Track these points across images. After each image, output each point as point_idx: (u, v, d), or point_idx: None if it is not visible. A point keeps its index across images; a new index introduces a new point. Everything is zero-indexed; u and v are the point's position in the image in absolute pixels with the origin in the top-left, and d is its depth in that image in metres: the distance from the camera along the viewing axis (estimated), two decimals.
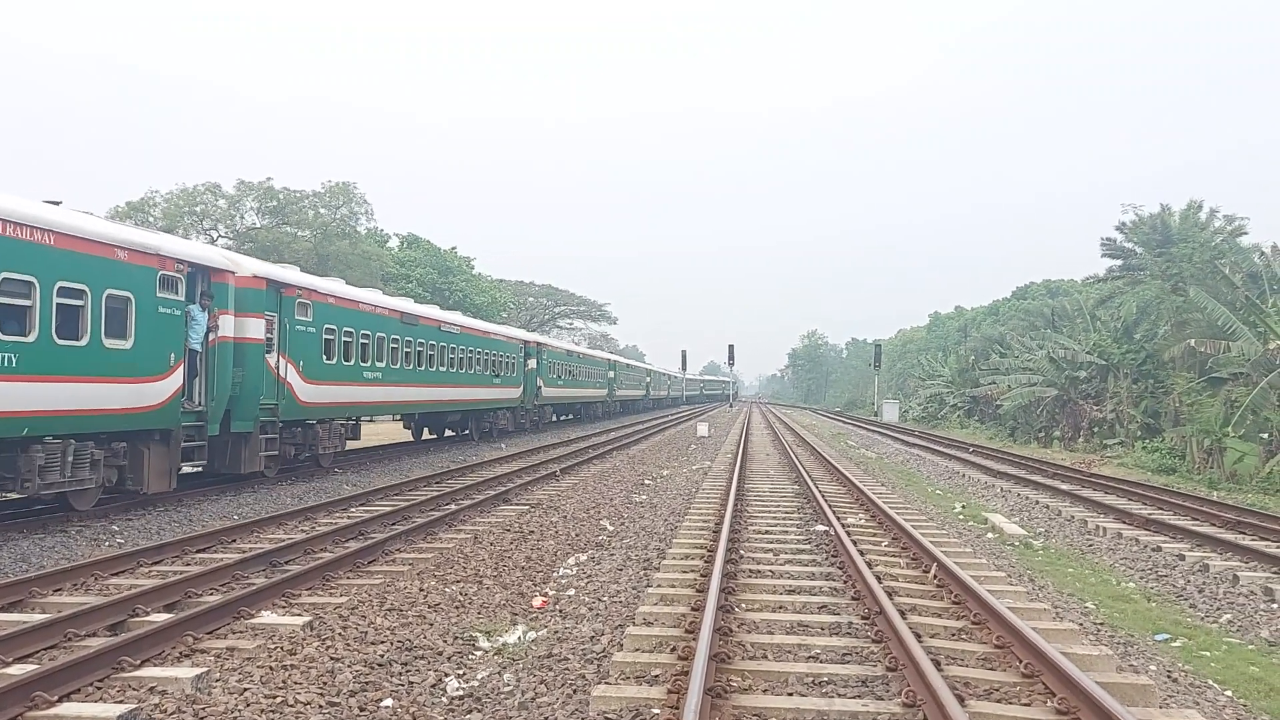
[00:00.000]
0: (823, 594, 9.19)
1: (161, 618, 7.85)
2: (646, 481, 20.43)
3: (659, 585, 9.41)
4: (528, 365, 38.47)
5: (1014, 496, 19.47)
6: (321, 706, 6.08)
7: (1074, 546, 13.74)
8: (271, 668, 6.70)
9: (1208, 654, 8.26)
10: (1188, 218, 41.45)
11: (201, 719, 5.82)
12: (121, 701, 6.06)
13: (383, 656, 7.09)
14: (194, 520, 13.90)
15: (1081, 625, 8.60)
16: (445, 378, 28.05)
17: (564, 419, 50.80)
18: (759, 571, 10.22)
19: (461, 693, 6.49)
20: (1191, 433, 27.39)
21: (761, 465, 24.03)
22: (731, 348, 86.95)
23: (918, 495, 19.19)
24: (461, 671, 6.94)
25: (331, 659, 6.95)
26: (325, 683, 6.47)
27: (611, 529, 13.68)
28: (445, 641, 7.62)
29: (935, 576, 9.76)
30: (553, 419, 46.51)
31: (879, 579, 9.30)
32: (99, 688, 6.33)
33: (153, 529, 13.07)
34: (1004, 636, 7.32)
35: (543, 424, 42.46)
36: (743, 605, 8.61)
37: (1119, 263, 44.55)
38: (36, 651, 7.06)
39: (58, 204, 13.09)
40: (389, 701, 6.24)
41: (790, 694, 6.30)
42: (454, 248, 70.04)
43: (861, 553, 10.77)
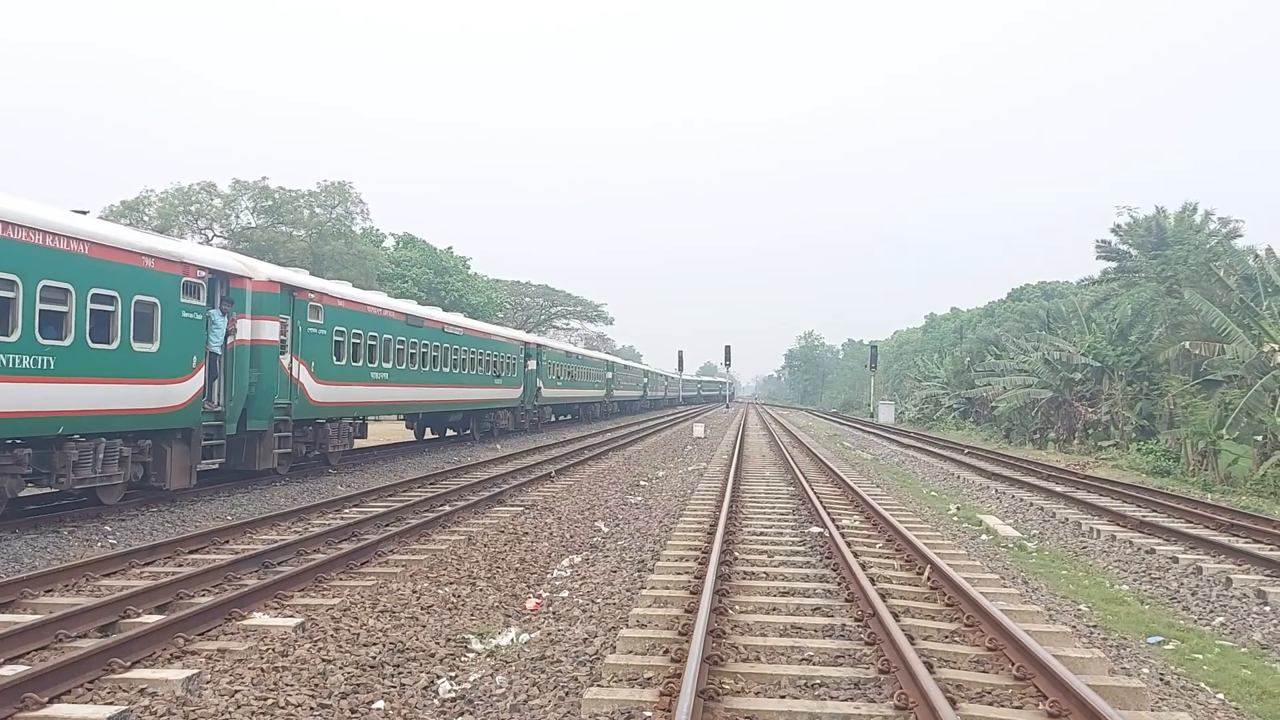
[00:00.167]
0: (817, 596, 9.19)
1: (153, 619, 7.83)
2: (642, 483, 20.42)
3: (653, 587, 9.40)
4: (528, 366, 38.79)
5: (1008, 498, 19.49)
6: (313, 708, 6.06)
7: (1068, 549, 13.75)
8: (263, 669, 6.68)
9: (1200, 657, 8.26)
10: (1183, 220, 41.57)
11: None
12: (112, 703, 6.04)
13: (375, 658, 7.07)
14: (187, 521, 13.87)
15: (1074, 628, 8.61)
16: (448, 378, 28.49)
17: (563, 419, 51.08)
18: (753, 573, 10.21)
19: (453, 695, 6.47)
20: (1186, 435, 27.46)
21: (757, 466, 24.03)
22: (728, 348, 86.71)
23: (912, 497, 19.20)
24: (454, 674, 6.93)
25: (323, 660, 6.93)
26: (317, 684, 6.45)
27: (606, 530, 13.66)
28: (438, 643, 7.60)
29: (929, 579, 9.76)
30: (552, 419, 46.86)
31: (873, 581, 9.29)
32: (89, 689, 6.31)
33: (145, 529, 13.03)
34: (997, 639, 7.32)
35: (542, 424, 42.83)
36: (736, 607, 8.61)
37: (1114, 265, 44.71)
38: (27, 652, 7.04)
39: (84, 213, 13.48)
40: (380, 704, 6.22)
41: (783, 696, 6.30)
42: (450, 248, 70.05)
43: (856, 555, 10.77)
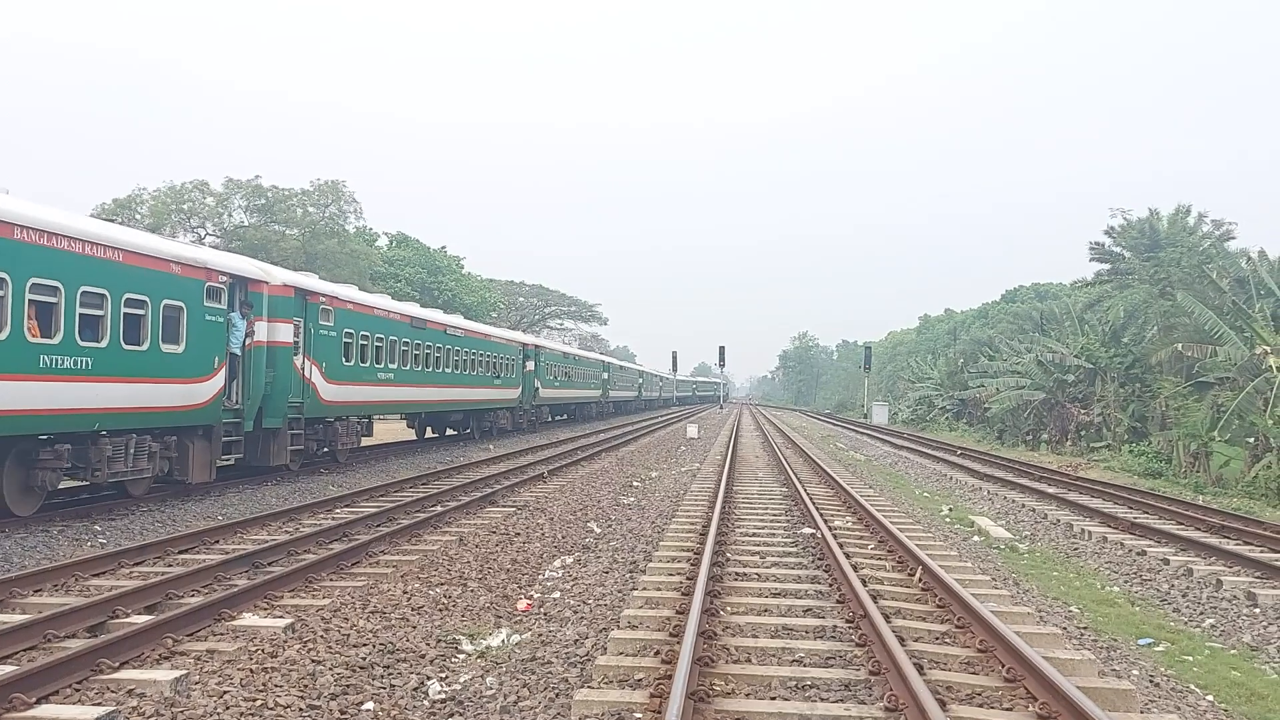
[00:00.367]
0: (808, 597, 9.18)
1: (142, 619, 7.80)
2: (635, 483, 20.41)
3: (644, 588, 9.39)
4: (526, 367, 39.38)
5: (1001, 500, 19.52)
6: (302, 709, 6.04)
7: (1059, 550, 13.77)
8: (252, 670, 6.66)
9: (1190, 658, 8.28)
10: (1176, 222, 41.70)
11: None
12: (100, 704, 6.01)
13: (365, 659, 7.05)
14: (177, 520, 13.82)
15: (1065, 629, 8.61)
16: (450, 379, 29.23)
17: (559, 419, 51.57)
18: (745, 574, 10.21)
19: (443, 696, 6.45)
20: (1178, 437, 27.53)
21: (750, 467, 24.03)
22: (722, 349, 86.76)
23: (905, 498, 19.22)
24: (444, 675, 6.91)
25: (313, 661, 6.91)
26: (306, 685, 6.43)
27: (599, 531, 13.65)
28: (428, 644, 7.59)
29: (920, 580, 9.77)
30: (549, 419, 47.45)
31: (864, 582, 9.30)
32: (77, 689, 6.28)
33: (135, 529, 12.99)
34: (987, 640, 7.32)
35: (539, 424, 43.48)
36: (728, 608, 8.60)
37: (1107, 267, 44.84)
38: (16, 652, 7.01)
39: (113, 220, 14.25)
40: (370, 705, 6.20)
41: (773, 698, 6.29)
42: (443, 247, 70.03)
43: (847, 556, 10.77)
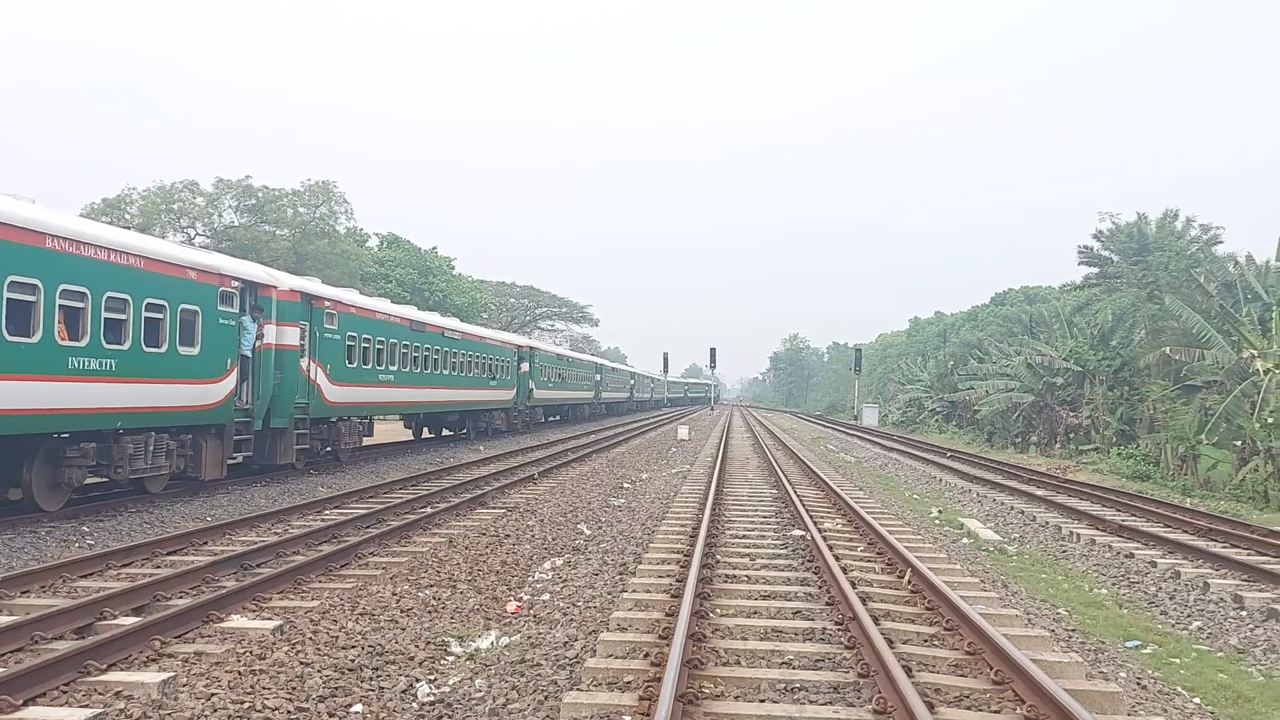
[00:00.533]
0: (797, 599, 9.20)
1: (129, 621, 7.77)
2: (625, 485, 20.41)
3: (634, 590, 9.39)
4: (521, 368, 40.04)
5: (990, 502, 19.58)
6: (290, 712, 6.02)
7: (1048, 552, 13.82)
8: (240, 672, 6.64)
9: (1177, 661, 8.32)
10: (1164, 226, 41.90)
11: None
12: (87, 706, 6.00)
13: (353, 661, 7.03)
14: (165, 522, 13.78)
15: (1053, 632, 8.64)
16: (448, 380, 29.84)
17: (552, 420, 52.22)
18: (735, 576, 10.22)
19: (432, 698, 6.45)
20: (1166, 439, 27.65)
21: (740, 469, 24.05)
22: (713, 350, 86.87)
23: (895, 500, 19.27)
24: (433, 677, 6.90)
25: (301, 664, 6.89)
26: (294, 687, 6.42)
27: (589, 533, 13.65)
28: (417, 646, 7.57)
29: (909, 582, 9.79)
30: (543, 420, 48.24)
31: (853, 584, 9.31)
32: (65, 691, 6.27)
33: (123, 530, 12.94)
34: (975, 643, 7.34)
35: (533, 424, 44.26)
36: (717, 610, 8.61)
37: (1096, 270, 45.03)
38: (3, 654, 6.99)
39: (128, 228, 14.47)
40: (359, 707, 6.19)
41: (762, 700, 6.30)
42: (435, 248, 69.90)
43: (837, 558, 10.79)
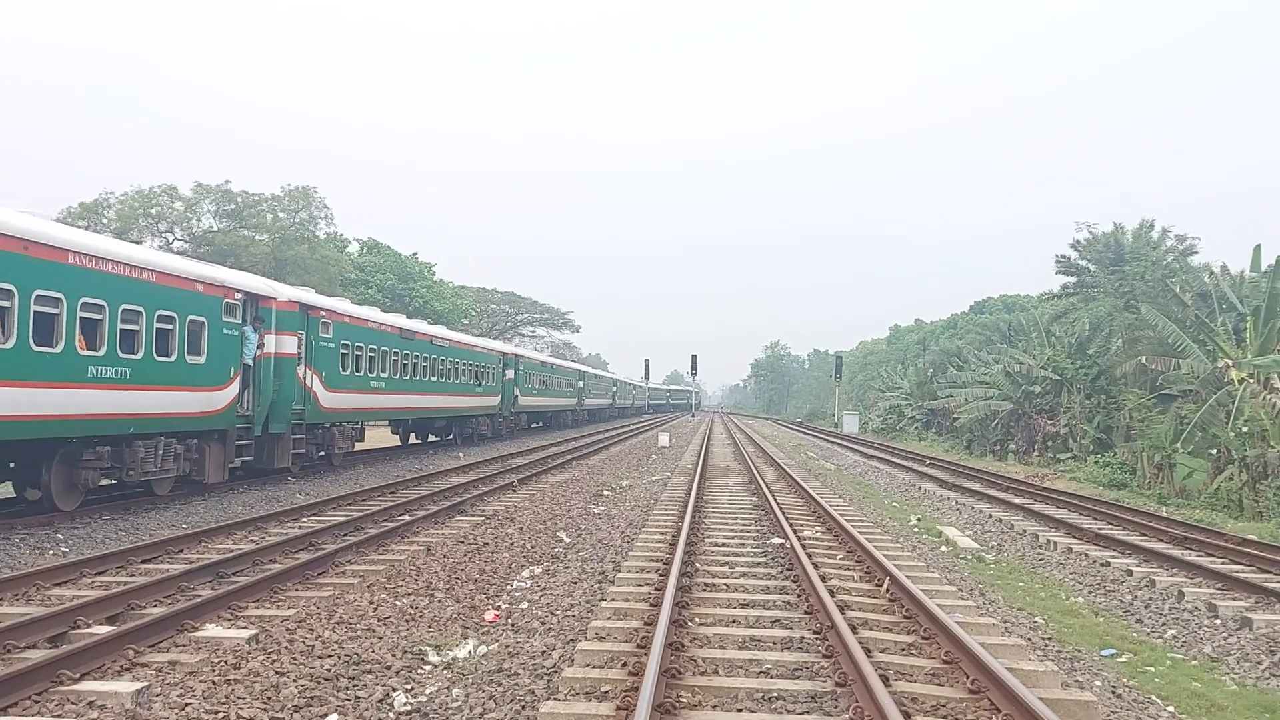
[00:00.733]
0: (776, 608, 9.21)
1: (103, 630, 7.70)
2: (605, 492, 20.39)
3: (613, 599, 9.38)
4: (506, 375, 40.62)
5: (968, 510, 19.68)
6: None
7: (1025, 561, 13.91)
8: (214, 682, 6.58)
9: (1152, 669, 8.39)
10: (1140, 237, 42.25)
11: None
12: (60, 715, 5.97)
13: (329, 670, 6.99)
14: (140, 529, 13.65)
15: (1030, 640, 8.70)
16: (436, 387, 30.51)
17: (535, 426, 52.69)
18: (714, 585, 10.22)
19: (409, 708, 6.41)
20: (1142, 448, 27.90)
21: (721, 476, 24.07)
22: (694, 357, 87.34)
23: (874, 508, 19.33)
24: (410, 686, 6.86)
25: (276, 673, 6.84)
26: (269, 697, 6.37)
27: (568, 541, 13.62)
28: (394, 655, 7.54)
29: (888, 590, 9.83)
30: (526, 426, 48.86)
31: (832, 593, 9.34)
32: (37, 701, 6.21)
33: (98, 538, 12.81)
34: (952, 652, 7.37)
35: (517, 430, 44.84)
36: (696, 620, 8.61)
37: (1073, 279, 45.29)
38: None
39: (139, 243, 14.65)
40: (334, 717, 6.15)
41: (740, 710, 6.30)
42: (415, 253, 69.68)
43: (816, 566, 10.82)
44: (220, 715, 6.00)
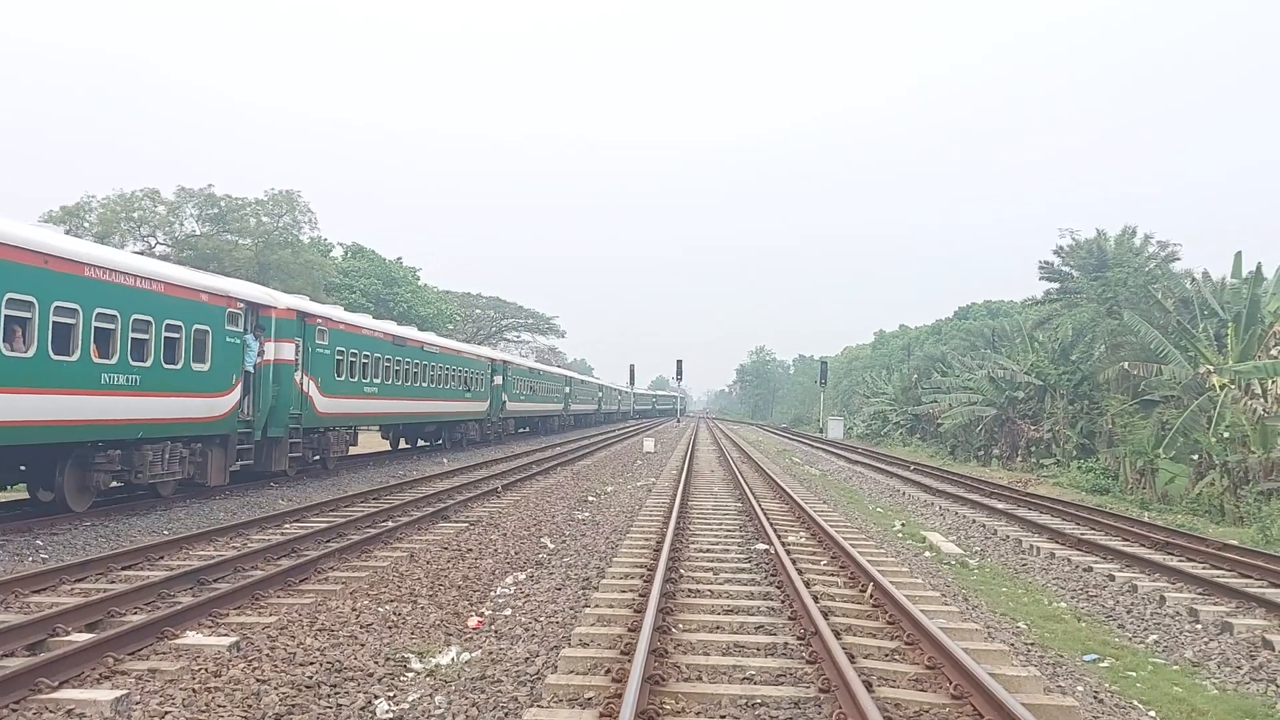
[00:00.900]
0: (760, 614, 9.21)
1: (82, 637, 7.62)
2: (590, 498, 20.36)
3: (597, 605, 9.36)
4: (494, 381, 41.23)
5: (952, 515, 19.74)
6: None
7: (1008, 566, 13.96)
8: (194, 690, 6.53)
9: (1134, 674, 8.42)
10: (1122, 243, 42.55)
11: None
12: None
13: (311, 678, 6.94)
14: (121, 536, 13.54)
15: (1012, 645, 8.72)
16: (426, 392, 31.15)
17: (522, 431, 53.04)
18: (698, 591, 10.21)
19: (391, 715, 6.38)
20: (1125, 453, 28.07)
21: (706, 482, 24.07)
22: (680, 363, 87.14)
23: (859, 513, 19.36)
24: (392, 694, 6.83)
25: (258, 681, 6.79)
26: (250, 705, 6.32)
27: (552, 547, 13.59)
28: (376, 663, 7.50)
29: (871, 596, 9.84)
30: (513, 431, 49.31)
31: (816, 599, 9.34)
32: (15, 710, 6.14)
33: (78, 544, 12.70)
34: (935, 657, 7.39)
35: (505, 435, 45.34)
36: (680, 626, 8.60)
37: (1057, 285, 45.59)
38: None
39: (121, 247, 14.90)
40: None
41: (723, 716, 6.30)
42: (399, 258, 69.46)
43: (800, 572, 10.82)
44: None
